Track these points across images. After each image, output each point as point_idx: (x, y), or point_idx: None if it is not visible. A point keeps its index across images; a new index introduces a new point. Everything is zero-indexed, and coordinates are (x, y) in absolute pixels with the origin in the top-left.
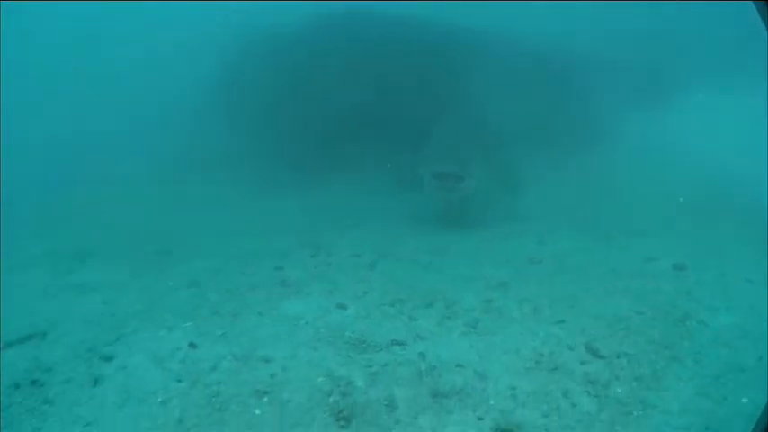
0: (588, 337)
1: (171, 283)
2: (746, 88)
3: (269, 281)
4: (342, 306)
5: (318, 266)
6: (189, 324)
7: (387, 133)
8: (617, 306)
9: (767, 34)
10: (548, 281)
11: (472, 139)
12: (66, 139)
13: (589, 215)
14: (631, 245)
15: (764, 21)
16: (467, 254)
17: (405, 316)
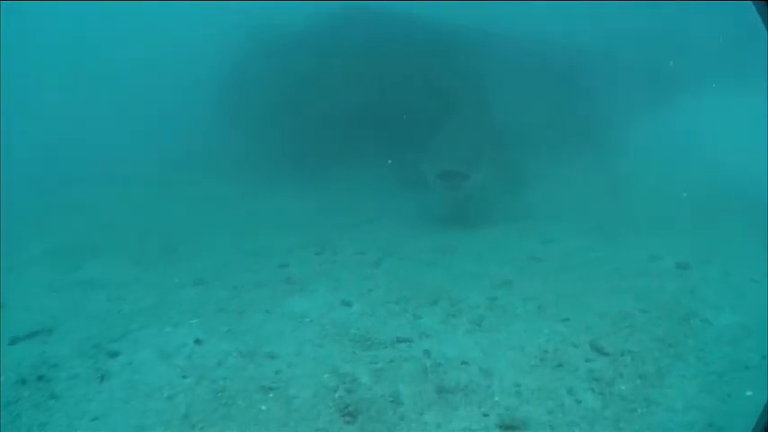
0: (593, 335)
1: (176, 281)
2: (746, 88)
3: (274, 278)
4: (347, 303)
5: (324, 264)
6: (195, 321)
7: (392, 132)
8: (621, 304)
9: (767, 34)
10: (552, 279)
11: (477, 138)
12: (68, 138)
13: (593, 214)
14: (635, 244)
15: (764, 21)
16: (471, 252)
17: (409, 313)
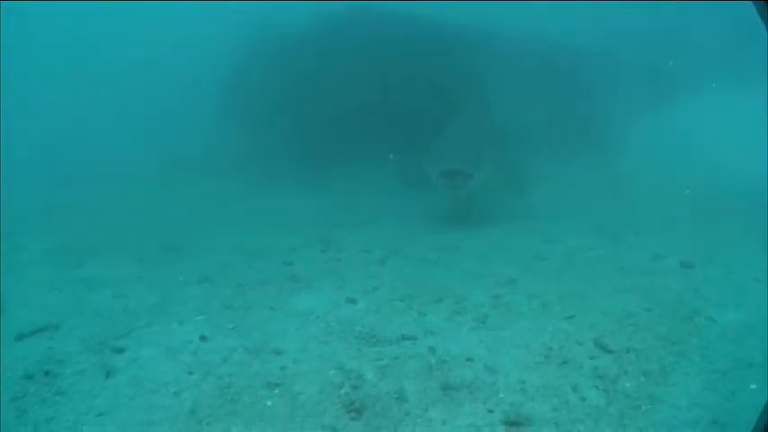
0: (597, 333)
1: (181, 278)
2: (746, 88)
3: (279, 276)
4: (352, 301)
5: (328, 262)
6: (200, 318)
7: (396, 131)
8: (625, 303)
9: (767, 34)
10: (556, 278)
11: (480, 138)
12: (68, 138)
13: (594, 214)
14: (639, 243)
15: (764, 21)
16: (476, 251)
17: (414, 311)
